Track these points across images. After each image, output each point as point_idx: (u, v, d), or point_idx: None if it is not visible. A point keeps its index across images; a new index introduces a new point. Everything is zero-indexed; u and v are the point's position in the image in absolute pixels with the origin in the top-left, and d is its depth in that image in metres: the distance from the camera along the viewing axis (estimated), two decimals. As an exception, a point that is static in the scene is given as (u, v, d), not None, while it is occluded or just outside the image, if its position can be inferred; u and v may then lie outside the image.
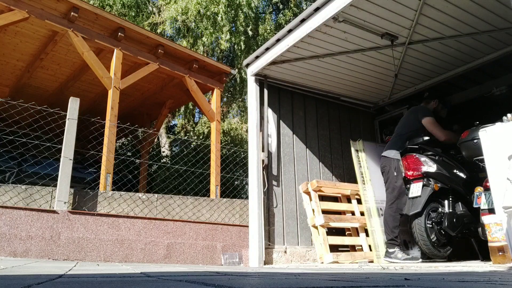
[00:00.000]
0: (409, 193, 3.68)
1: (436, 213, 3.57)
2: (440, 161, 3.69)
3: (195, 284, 1.07)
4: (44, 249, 3.63)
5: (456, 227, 3.44)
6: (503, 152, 2.79)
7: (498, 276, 1.73)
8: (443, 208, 3.62)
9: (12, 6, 4.76)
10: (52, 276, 1.23)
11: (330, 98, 5.51)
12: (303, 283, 1.17)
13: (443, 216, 3.50)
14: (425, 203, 3.48)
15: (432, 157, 3.73)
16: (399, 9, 3.84)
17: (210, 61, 6.66)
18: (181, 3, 11.13)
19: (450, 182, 3.65)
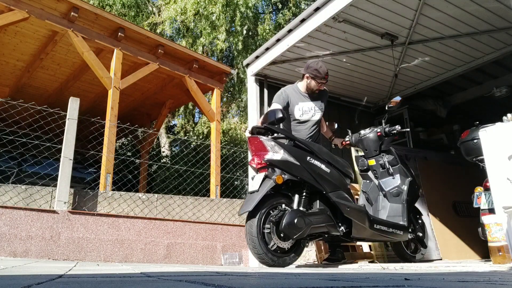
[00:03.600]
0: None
1: (278, 210, 2.83)
2: (290, 147, 2.94)
3: (195, 284, 1.07)
4: (44, 249, 3.63)
5: (297, 229, 2.71)
6: (503, 152, 2.79)
7: (498, 276, 1.73)
8: (291, 206, 2.91)
9: (12, 6, 4.76)
10: (52, 276, 1.23)
11: (330, 98, 5.50)
12: (303, 283, 1.17)
13: (283, 215, 2.77)
14: (264, 200, 2.78)
15: (282, 141, 2.98)
16: (399, 9, 3.84)
17: (210, 61, 6.65)
18: (180, 3, 11.13)
19: (301, 174, 2.86)
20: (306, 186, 2.95)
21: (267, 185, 2.77)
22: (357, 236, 3.11)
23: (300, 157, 2.91)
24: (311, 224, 2.81)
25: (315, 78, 3.43)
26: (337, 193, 3.04)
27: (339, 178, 3.14)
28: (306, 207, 2.93)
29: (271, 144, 2.87)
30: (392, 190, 3.50)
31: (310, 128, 3.55)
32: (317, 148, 3.12)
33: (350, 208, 3.05)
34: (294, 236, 2.72)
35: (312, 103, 3.56)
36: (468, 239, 4.67)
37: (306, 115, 3.53)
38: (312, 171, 2.92)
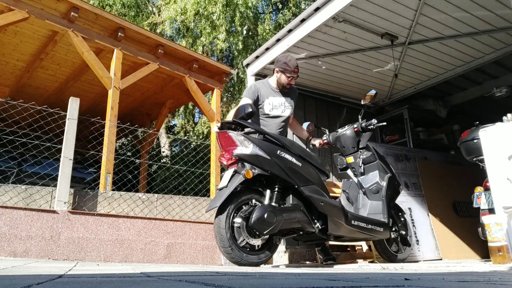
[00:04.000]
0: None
1: (248, 206, 2.76)
2: (260, 141, 2.84)
3: (195, 284, 1.07)
4: (44, 249, 3.63)
5: (268, 224, 2.60)
6: (503, 152, 2.79)
7: (498, 276, 1.73)
8: (262, 201, 2.82)
9: (12, 6, 4.76)
10: (52, 276, 1.23)
11: (330, 98, 5.51)
12: (303, 283, 1.17)
13: (252, 210, 2.67)
14: (234, 196, 2.70)
15: (252, 135, 2.89)
16: (399, 9, 3.84)
17: (210, 61, 6.65)
18: (180, 3, 11.13)
19: (272, 168, 2.77)
20: (279, 181, 2.86)
21: (236, 180, 2.69)
22: (334, 233, 3.02)
23: (270, 151, 2.83)
24: (283, 219, 2.71)
25: (284, 72, 3.36)
26: (310, 187, 2.95)
27: (313, 173, 3.04)
28: (278, 203, 2.84)
29: (240, 138, 2.80)
30: (371, 187, 3.43)
31: (279, 123, 3.47)
32: (289, 142, 3.04)
33: (324, 203, 2.96)
34: (264, 232, 2.62)
35: (283, 99, 3.48)
36: (468, 239, 4.67)
37: (276, 111, 3.45)
38: (283, 165, 2.83)
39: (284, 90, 3.49)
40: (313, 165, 3.09)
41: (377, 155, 3.54)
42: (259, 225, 2.61)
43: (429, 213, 4.75)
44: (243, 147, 2.76)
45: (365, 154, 3.53)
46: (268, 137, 2.92)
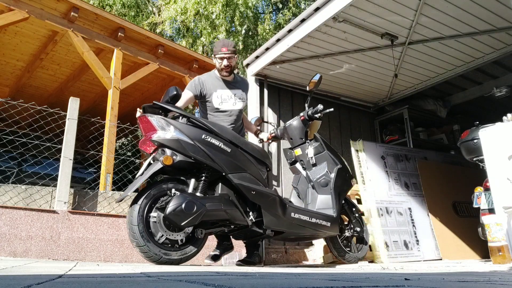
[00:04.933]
0: None
1: (167, 196, 2.50)
2: (183, 125, 2.61)
3: (195, 284, 1.07)
4: (44, 249, 3.63)
5: (185, 215, 2.34)
6: (503, 152, 2.79)
7: (498, 276, 1.73)
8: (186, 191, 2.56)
9: (12, 6, 4.76)
10: (52, 276, 1.23)
11: (330, 98, 5.51)
12: (303, 283, 1.17)
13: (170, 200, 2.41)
14: (152, 185, 2.50)
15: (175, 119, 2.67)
16: (399, 9, 3.85)
17: (210, 61, 6.65)
18: (180, 3, 11.14)
19: (196, 153, 2.53)
20: (207, 170, 2.60)
21: (154, 168, 2.45)
22: (272, 226, 2.76)
23: (194, 135, 2.57)
24: (205, 210, 2.42)
25: (215, 56, 3.16)
26: (241, 175, 2.68)
27: (246, 160, 2.78)
28: (204, 193, 2.57)
29: (160, 122, 2.54)
30: (320, 179, 3.19)
31: (231, 118, 3.22)
32: (218, 127, 2.77)
33: (256, 192, 2.69)
34: (181, 224, 2.34)
35: (232, 91, 3.25)
36: (468, 239, 4.68)
37: (227, 104, 3.21)
38: (208, 150, 2.57)
39: (234, 81, 3.28)
40: (249, 154, 2.83)
41: (325, 145, 3.33)
42: (175, 216, 2.33)
43: (429, 213, 4.75)
44: (163, 132, 2.51)
45: (313, 145, 3.29)
46: (193, 120, 2.65)
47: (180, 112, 2.68)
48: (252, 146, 2.94)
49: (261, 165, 2.93)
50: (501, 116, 3.06)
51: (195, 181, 2.60)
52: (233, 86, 3.26)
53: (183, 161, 2.50)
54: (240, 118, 3.34)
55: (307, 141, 3.31)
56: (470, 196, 3.65)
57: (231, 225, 2.68)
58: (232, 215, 2.58)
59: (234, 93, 3.24)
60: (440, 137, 6.13)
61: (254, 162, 2.85)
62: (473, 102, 5.99)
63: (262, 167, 2.96)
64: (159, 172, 2.56)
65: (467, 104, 6.10)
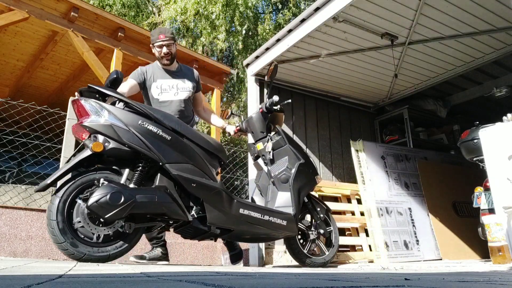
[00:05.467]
0: None
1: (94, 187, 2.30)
2: (118, 109, 2.40)
3: (195, 284, 1.07)
4: (44, 249, 3.63)
5: (110, 207, 2.13)
6: (503, 152, 2.79)
7: (498, 276, 1.73)
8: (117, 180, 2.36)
9: (12, 6, 4.76)
10: (52, 276, 1.23)
11: (330, 98, 5.51)
12: (303, 283, 1.17)
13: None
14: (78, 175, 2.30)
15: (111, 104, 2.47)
16: (399, 9, 3.85)
17: (210, 61, 6.66)
18: (180, 3, 11.14)
19: (130, 140, 2.33)
20: (145, 159, 2.42)
21: (82, 155, 2.26)
22: (217, 223, 2.55)
23: (131, 121, 2.37)
24: (135, 202, 2.20)
25: (154, 45, 3.05)
26: (181, 165, 2.48)
27: (190, 150, 2.57)
28: (139, 184, 2.38)
29: (93, 106, 2.35)
30: (280, 175, 3.00)
31: (172, 109, 3.03)
32: (161, 114, 2.56)
33: (198, 184, 2.48)
34: (105, 216, 2.13)
35: (175, 81, 3.09)
36: (468, 239, 4.68)
37: (167, 94, 3.05)
38: (145, 138, 2.36)
39: (177, 71, 3.14)
40: (196, 144, 2.64)
41: (287, 139, 3.13)
42: (98, 208, 2.12)
43: (429, 213, 4.75)
44: (97, 117, 2.32)
45: (274, 139, 3.11)
46: (133, 106, 2.45)
47: (117, 96, 2.46)
48: (202, 137, 2.73)
49: (211, 157, 2.72)
50: (501, 116, 3.06)
51: (130, 171, 2.40)
52: (175, 76, 3.11)
53: (117, 149, 2.31)
54: (187, 110, 3.15)
55: (268, 135, 3.13)
56: (470, 196, 3.65)
57: (170, 220, 2.49)
58: (169, 209, 2.36)
59: (176, 83, 3.09)
60: (440, 137, 6.13)
61: (201, 154, 2.63)
62: (473, 102, 5.99)
63: (213, 160, 2.74)
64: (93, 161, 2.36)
65: (467, 104, 6.10)
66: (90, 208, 2.14)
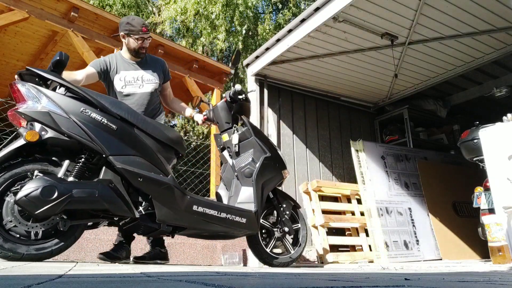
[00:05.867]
0: None
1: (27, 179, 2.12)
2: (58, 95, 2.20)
3: (195, 284, 1.07)
4: (44, 249, 3.62)
5: (41, 202, 1.95)
6: (503, 152, 2.79)
7: (498, 276, 1.73)
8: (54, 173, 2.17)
9: (12, 6, 4.76)
10: (52, 276, 1.23)
11: (330, 98, 5.51)
12: (303, 283, 1.17)
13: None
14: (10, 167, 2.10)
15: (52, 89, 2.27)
16: (399, 9, 3.85)
17: (210, 61, 6.65)
18: (180, 3, 11.15)
19: (70, 129, 2.13)
20: (89, 150, 2.23)
21: (15, 144, 2.07)
22: (167, 221, 2.38)
23: (71, 108, 2.16)
24: (71, 197, 2.01)
25: (130, 34, 2.83)
26: (128, 158, 2.28)
27: (140, 142, 2.37)
28: (80, 177, 2.18)
29: (30, 91, 2.16)
30: (244, 169, 2.83)
31: (137, 103, 2.86)
32: (110, 101, 2.37)
33: (144, 179, 2.29)
34: (36, 212, 1.96)
35: (141, 72, 2.91)
36: (468, 239, 4.68)
37: (131, 87, 2.87)
38: (87, 127, 2.15)
39: (142, 62, 2.95)
40: (148, 135, 2.43)
41: (253, 130, 2.95)
42: (28, 203, 1.94)
43: (429, 213, 4.75)
44: (33, 103, 2.13)
45: (240, 130, 2.94)
46: (76, 91, 2.24)
47: (58, 81, 2.25)
48: (156, 127, 2.51)
49: (165, 149, 2.53)
50: (501, 116, 3.06)
51: (70, 163, 2.20)
52: (140, 67, 2.94)
53: (55, 139, 2.12)
54: (154, 103, 2.98)
55: (234, 126, 2.97)
56: (470, 196, 3.65)
57: (115, 217, 2.29)
58: (112, 204, 2.17)
59: (141, 74, 2.91)
60: (440, 137, 6.13)
61: (153, 145, 2.44)
62: (473, 102, 5.99)
63: (168, 153, 2.55)
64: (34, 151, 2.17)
65: (467, 104, 6.10)
66: (18, 203, 1.95)
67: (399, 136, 5.70)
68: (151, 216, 2.34)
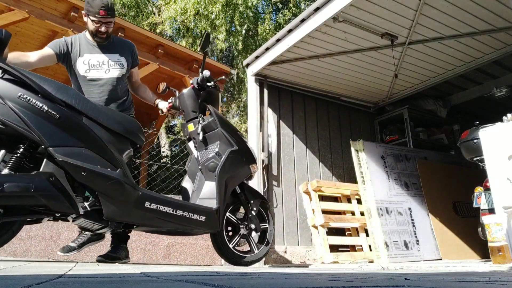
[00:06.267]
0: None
1: None
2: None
3: (195, 284, 1.07)
4: (44, 249, 3.63)
5: None
6: (503, 152, 2.79)
7: (498, 276, 1.73)
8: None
9: (12, 6, 4.76)
10: (52, 276, 1.23)
11: (330, 98, 5.51)
12: (303, 283, 1.17)
13: None
14: None
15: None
16: (399, 9, 3.85)
17: (210, 61, 6.66)
18: (180, 3, 11.15)
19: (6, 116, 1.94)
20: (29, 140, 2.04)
21: None
22: (115, 218, 2.20)
23: (7, 93, 1.97)
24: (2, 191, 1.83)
25: (88, 14, 2.61)
26: (70, 149, 2.07)
27: (87, 132, 2.16)
28: (16, 169, 2.00)
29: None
30: (208, 163, 2.66)
31: (103, 89, 2.68)
32: (55, 85, 2.15)
33: (88, 172, 2.07)
34: None
35: (105, 56, 2.71)
36: (468, 239, 4.68)
37: (96, 72, 2.67)
38: (24, 114, 1.95)
39: (109, 44, 2.74)
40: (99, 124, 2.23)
41: (220, 121, 2.77)
42: None
43: (429, 213, 4.75)
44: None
45: (205, 121, 2.76)
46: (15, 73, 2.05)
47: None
48: (109, 115, 2.30)
49: (119, 140, 2.32)
50: (501, 116, 3.06)
51: (5, 153, 2.01)
52: (107, 50, 2.73)
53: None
54: (121, 89, 2.80)
55: (200, 116, 2.79)
56: (470, 196, 3.65)
57: (55, 213, 2.10)
58: (50, 200, 1.97)
59: (108, 58, 2.71)
60: (440, 137, 6.13)
61: (103, 136, 2.22)
62: (473, 102, 5.99)
63: (122, 144, 2.35)
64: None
65: (467, 104, 6.10)
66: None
67: (399, 136, 5.70)
68: (99, 212, 2.16)
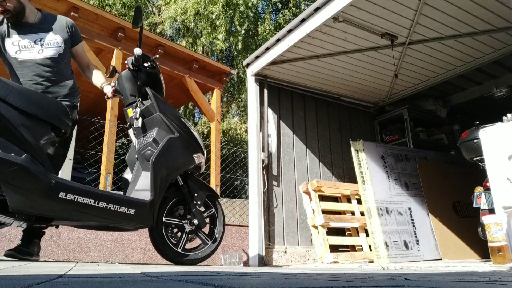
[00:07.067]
0: None
1: None
2: None
3: (195, 284, 1.07)
4: (44, 249, 3.63)
5: None
6: (503, 152, 2.79)
7: (498, 276, 1.73)
8: None
9: (12, 6, 4.76)
10: (52, 276, 1.23)
11: (330, 98, 5.51)
12: (303, 283, 1.17)
13: None
14: None
15: None
16: (399, 9, 3.85)
17: (210, 61, 6.66)
18: (180, 3, 11.15)
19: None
20: None
21: None
22: (23, 209, 1.97)
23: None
24: None
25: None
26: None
27: None
28: None
29: None
30: (144, 151, 2.45)
31: (36, 69, 2.47)
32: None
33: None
34: None
35: (37, 35, 2.51)
36: (468, 239, 4.68)
37: (27, 52, 2.47)
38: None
39: (40, 23, 2.54)
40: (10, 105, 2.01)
41: (158, 105, 2.54)
42: None
43: (429, 213, 4.75)
44: None
45: (143, 105, 2.55)
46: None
47: None
48: (23, 95, 2.09)
49: (36, 124, 2.11)
50: (501, 116, 3.06)
51: None
52: (38, 29, 2.53)
53: None
54: (59, 71, 2.57)
55: (138, 99, 2.57)
56: (470, 196, 3.65)
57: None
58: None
59: (39, 37, 2.51)
60: (440, 137, 6.13)
61: (15, 118, 2.00)
62: (473, 102, 5.99)
63: (39, 128, 2.13)
64: None
65: (467, 104, 6.10)
66: None
67: (399, 136, 5.70)
68: (4, 204, 1.93)
